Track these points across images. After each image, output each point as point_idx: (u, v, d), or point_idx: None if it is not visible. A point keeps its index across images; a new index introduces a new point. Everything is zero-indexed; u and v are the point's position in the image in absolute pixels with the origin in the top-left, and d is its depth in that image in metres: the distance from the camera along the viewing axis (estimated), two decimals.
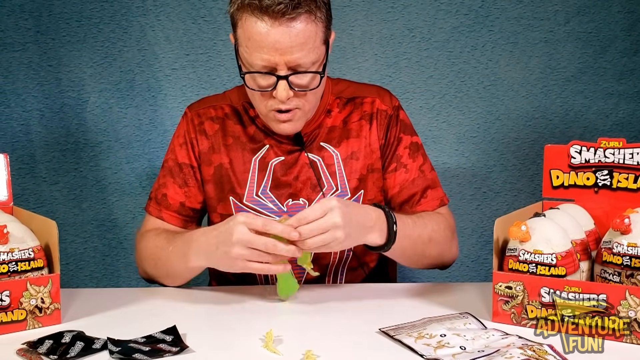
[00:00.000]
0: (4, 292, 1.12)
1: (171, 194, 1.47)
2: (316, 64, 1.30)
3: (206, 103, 1.51)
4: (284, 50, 1.25)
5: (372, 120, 1.47)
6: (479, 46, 2.22)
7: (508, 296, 1.17)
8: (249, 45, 1.27)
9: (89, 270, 2.28)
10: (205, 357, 1.06)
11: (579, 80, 2.23)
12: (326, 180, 1.45)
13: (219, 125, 1.47)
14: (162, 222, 1.47)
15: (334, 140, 1.46)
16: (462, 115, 2.25)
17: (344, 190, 1.45)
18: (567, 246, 1.16)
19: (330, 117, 1.47)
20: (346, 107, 1.48)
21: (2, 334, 1.11)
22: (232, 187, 1.46)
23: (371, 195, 1.47)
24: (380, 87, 1.53)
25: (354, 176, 1.46)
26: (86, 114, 2.24)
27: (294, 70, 1.28)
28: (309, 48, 1.26)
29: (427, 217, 1.41)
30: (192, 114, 1.50)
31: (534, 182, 2.26)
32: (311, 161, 1.44)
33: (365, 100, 1.48)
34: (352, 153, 1.46)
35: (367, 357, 1.05)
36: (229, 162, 1.46)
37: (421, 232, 1.36)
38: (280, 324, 1.17)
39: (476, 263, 2.32)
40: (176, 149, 1.49)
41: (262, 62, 1.27)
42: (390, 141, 1.47)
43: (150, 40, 2.22)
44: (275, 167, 1.45)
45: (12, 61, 2.21)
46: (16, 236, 1.16)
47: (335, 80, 1.52)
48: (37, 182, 2.25)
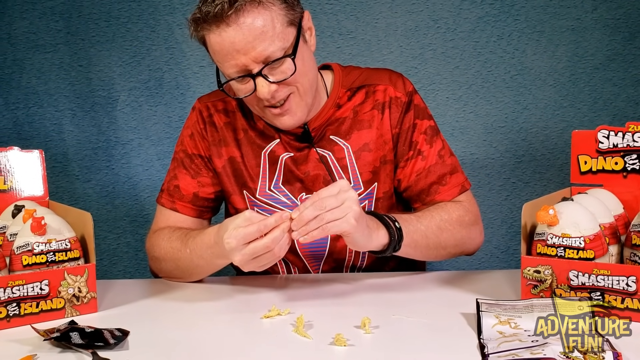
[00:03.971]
0: (43, 281, 1.16)
1: (184, 184, 1.47)
2: (285, 48, 1.25)
3: (216, 96, 1.49)
4: (245, 49, 1.22)
5: (385, 109, 1.43)
6: (505, 35, 2.22)
7: (536, 280, 1.17)
8: (218, 59, 1.27)
9: (122, 265, 2.33)
10: (238, 342, 1.08)
11: (608, 68, 2.21)
12: (337, 175, 1.42)
13: (228, 118, 1.47)
14: (175, 214, 1.46)
15: (345, 132, 1.43)
16: (490, 106, 2.25)
17: (356, 184, 1.43)
18: (595, 229, 1.15)
19: (340, 110, 1.44)
20: (356, 95, 1.45)
21: (43, 322, 1.15)
22: (244, 182, 1.45)
23: (385, 188, 1.45)
24: (392, 71, 1.48)
25: (367, 169, 1.43)
26: (117, 112, 2.29)
27: (265, 64, 1.24)
28: (269, 37, 1.22)
29: (436, 208, 1.39)
30: (201, 105, 1.49)
31: (563, 171, 2.24)
32: (321, 156, 1.42)
33: (377, 88, 1.44)
34: (364, 145, 1.43)
35: (393, 342, 1.06)
36: (241, 156, 1.45)
37: (429, 224, 1.34)
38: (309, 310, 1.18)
39: (506, 254, 2.31)
40: (185, 140, 1.49)
41: (234, 68, 1.25)
42: (405, 128, 1.43)
43: (177, 38, 2.26)
44: (286, 162, 1.43)
45: (44, 62, 2.27)
46: (53, 228, 1.20)
47: (346, 71, 1.48)
48: (71, 180, 2.30)
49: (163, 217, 1.48)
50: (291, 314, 1.18)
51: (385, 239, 1.26)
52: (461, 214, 1.40)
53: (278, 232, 1.15)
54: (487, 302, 1.13)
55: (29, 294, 1.15)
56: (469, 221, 1.41)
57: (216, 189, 1.48)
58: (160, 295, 1.32)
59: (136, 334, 1.09)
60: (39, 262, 1.17)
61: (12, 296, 1.13)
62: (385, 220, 1.28)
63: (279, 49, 1.24)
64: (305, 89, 1.32)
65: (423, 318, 1.14)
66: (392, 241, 1.27)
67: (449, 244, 1.38)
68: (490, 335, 1.04)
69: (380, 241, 1.26)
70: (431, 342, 1.05)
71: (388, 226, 1.27)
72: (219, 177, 1.47)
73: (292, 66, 1.26)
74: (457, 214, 1.39)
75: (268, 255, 1.16)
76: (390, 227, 1.27)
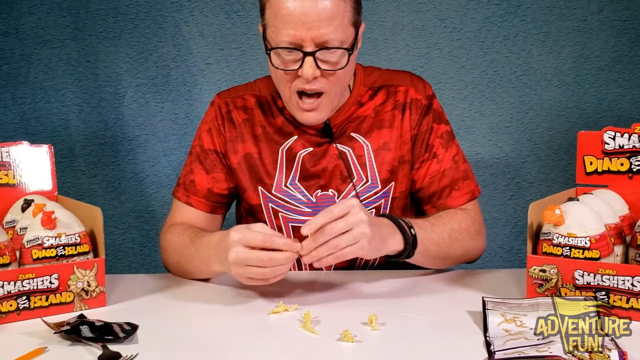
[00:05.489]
0: (52, 275, 1.17)
1: (199, 180, 1.48)
2: (344, 44, 1.28)
3: (235, 92, 1.51)
4: (311, 25, 1.24)
5: (405, 110, 1.45)
6: (511, 36, 2.22)
7: (542, 279, 1.18)
8: (276, 24, 1.27)
9: (127, 261, 2.34)
10: (246, 337, 1.09)
11: (613, 69, 2.21)
12: (356, 172, 1.44)
13: (247, 115, 1.48)
14: (190, 208, 1.47)
15: (365, 130, 1.44)
16: (495, 105, 2.26)
17: (374, 182, 1.44)
18: (601, 229, 1.16)
19: (361, 108, 1.46)
20: (378, 95, 1.46)
21: (52, 315, 1.16)
22: (260, 177, 1.46)
23: (402, 188, 1.46)
24: (413, 74, 1.50)
25: (385, 168, 1.44)
26: (123, 108, 2.30)
27: (319, 47, 1.26)
28: (336, 24, 1.25)
29: (447, 217, 1.39)
30: (220, 101, 1.50)
31: (567, 171, 2.25)
32: (340, 152, 1.43)
33: (399, 89, 1.46)
34: (384, 144, 1.44)
35: (400, 339, 1.07)
36: (258, 152, 1.46)
37: (441, 233, 1.35)
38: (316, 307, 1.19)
39: (510, 253, 2.32)
40: (203, 135, 1.50)
41: (288, 38, 1.26)
42: (423, 130, 1.45)
43: (185, 35, 2.27)
44: (303, 159, 1.44)
45: (51, 58, 2.28)
46: (63, 222, 1.21)
47: (367, 71, 1.50)
48: (77, 175, 2.31)
49: (178, 211, 1.49)
50: (298, 310, 1.18)
51: (401, 245, 1.27)
52: (469, 224, 1.41)
53: (279, 256, 1.15)
54: (493, 301, 1.14)
55: (39, 287, 1.16)
56: (475, 231, 1.42)
57: (230, 185, 1.49)
58: (168, 290, 1.33)
59: (145, 328, 1.10)
60: (48, 256, 1.18)
61: (22, 289, 1.14)
62: (402, 225, 1.28)
63: (338, 40, 1.27)
64: (337, 92, 1.35)
65: (430, 316, 1.15)
66: (406, 248, 1.27)
67: (456, 254, 1.40)
68: (496, 333, 1.05)
69: (396, 247, 1.27)
70: (438, 339, 1.06)
71: (404, 232, 1.28)
72: (234, 173, 1.48)
73: (343, 61, 1.30)
74: (465, 224, 1.40)
75: (257, 271, 1.16)
76: (406, 234, 1.28)
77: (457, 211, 1.43)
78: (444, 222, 1.37)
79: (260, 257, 1.15)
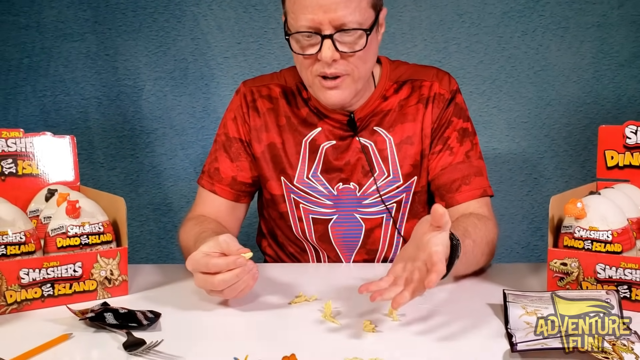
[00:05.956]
0: (76, 263, 1.18)
1: (223, 167, 1.49)
2: (363, 25, 1.28)
3: (261, 81, 1.52)
4: (328, 8, 1.24)
5: (428, 104, 1.44)
6: (530, 31, 2.22)
7: (563, 273, 1.17)
8: (295, 10, 1.28)
9: (144, 253, 2.36)
10: (267, 325, 1.10)
11: (633, 65, 2.20)
12: (377, 166, 1.44)
13: (272, 104, 1.48)
14: (214, 196, 1.48)
15: (389, 124, 1.44)
16: (513, 101, 2.25)
17: (395, 176, 1.44)
18: (623, 223, 1.16)
19: (385, 102, 1.45)
20: (403, 89, 1.46)
21: (75, 303, 1.17)
22: (283, 168, 1.47)
23: (423, 182, 1.46)
24: (439, 69, 1.50)
25: (408, 162, 1.44)
26: (142, 101, 2.32)
27: (337, 30, 1.27)
28: (354, 7, 1.26)
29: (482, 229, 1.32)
30: (245, 89, 1.51)
31: (585, 167, 2.24)
32: (363, 146, 1.44)
33: (423, 83, 1.46)
34: (407, 138, 1.44)
35: (421, 330, 1.07)
36: (282, 142, 1.47)
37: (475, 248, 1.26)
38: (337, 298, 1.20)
39: (526, 249, 2.32)
40: (228, 123, 1.51)
41: (307, 22, 1.27)
42: (442, 123, 1.45)
43: (203, 29, 2.28)
44: (326, 151, 1.45)
45: (71, 51, 2.30)
46: (87, 211, 1.22)
47: (394, 65, 1.50)
48: (96, 168, 2.33)
49: (201, 199, 1.50)
50: (318, 300, 1.19)
51: None
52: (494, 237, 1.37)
53: (228, 276, 1.10)
54: (514, 293, 1.14)
55: (63, 275, 1.17)
56: (495, 238, 1.39)
57: (254, 174, 1.50)
58: (189, 280, 1.33)
59: (167, 316, 1.11)
60: (72, 244, 1.20)
61: (47, 277, 1.16)
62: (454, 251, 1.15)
63: (356, 22, 1.27)
64: (360, 75, 1.35)
65: (450, 307, 1.15)
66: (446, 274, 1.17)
67: (480, 264, 1.34)
68: (518, 325, 1.05)
69: None
70: (459, 330, 1.06)
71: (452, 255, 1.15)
72: (257, 162, 1.49)
73: (362, 42, 1.30)
74: (492, 236, 1.36)
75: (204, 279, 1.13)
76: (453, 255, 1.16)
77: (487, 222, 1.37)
78: (482, 235, 1.30)
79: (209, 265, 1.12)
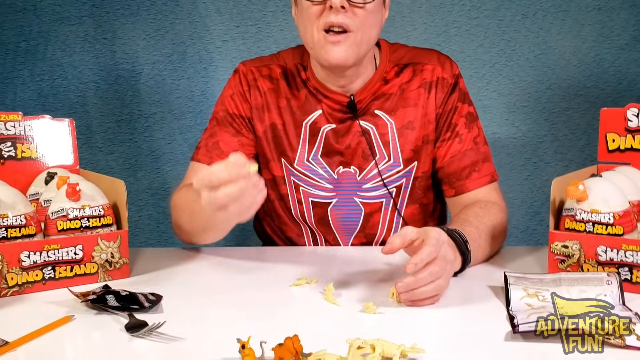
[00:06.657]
0: (77, 246, 1.18)
1: (224, 142, 1.45)
2: None
3: (261, 62, 1.50)
4: None
5: (431, 88, 1.43)
6: (530, 14, 2.20)
7: (564, 255, 1.18)
8: None
9: (143, 237, 2.36)
10: (269, 306, 1.10)
11: (634, 49, 2.19)
12: (378, 150, 1.43)
13: (272, 84, 1.47)
14: None
15: (390, 108, 1.43)
16: (513, 85, 2.24)
17: (396, 161, 1.44)
18: (624, 205, 1.16)
19: (386, 85, 1.44)
20: (404, 72, 1.45)
21: (76, 285, 1.17)
22: (283, 150, 1.46)
23: (424, 168, 1.45)
24: (440, 52, 1.49)
25: (408, 147, 1.43)
26: (140, 85, 2.30)
27: None
28: None
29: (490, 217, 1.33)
30: (245, 69, 1.49)
31: (584, 152, 2.24)
32: (364, 129, 1.43)
33: (425, 67, 1.45)
34: (409, 122, 1.43)
35: (424, 312, 1.07)
36: (282, 124, 1.45)
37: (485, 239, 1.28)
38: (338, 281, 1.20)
39: (525, 234, 2.32)
40: (226, 100, 1.48)
41: None
42: (447, 109, 1.44)
43: (201, 12, 2.26)
44: (327, 134, 1.44)
45: (69, 34, 2.28)
46: (87, 194, 1.21)
47: (393, 47, 1.49)
48: (94, 152, 2.32)
49: (194, 173, 1.42)
50: (319, 283, 1.19)
51: (458, 267, 1.18)
52: (503, 217, 1.38)
53: (232, 189, 1.02)
54: (515, 276, 1.14)
55: (64, 258, 1.17)
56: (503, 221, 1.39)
57: (254, 152, 1.48)
58: (189, 262, 1.34)
59: (169, 299, 1.10)
60: (73, 227, 1.19)
61: (48, 260, 1.15)
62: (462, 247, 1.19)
63: None
64: (363, 40, 1.33)
65: (451, 290, 1.15)
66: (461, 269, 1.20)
67: (494, 250, 1.34)
68: (519, 307, 1.05)
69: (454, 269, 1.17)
70: (460, 312, 1.07)
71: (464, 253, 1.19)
72: (259, 141, 1.47)
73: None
74: (499, 219, 1.36)
75: None
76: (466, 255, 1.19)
77: (497, 209, 1.38)
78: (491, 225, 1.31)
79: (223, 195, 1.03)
